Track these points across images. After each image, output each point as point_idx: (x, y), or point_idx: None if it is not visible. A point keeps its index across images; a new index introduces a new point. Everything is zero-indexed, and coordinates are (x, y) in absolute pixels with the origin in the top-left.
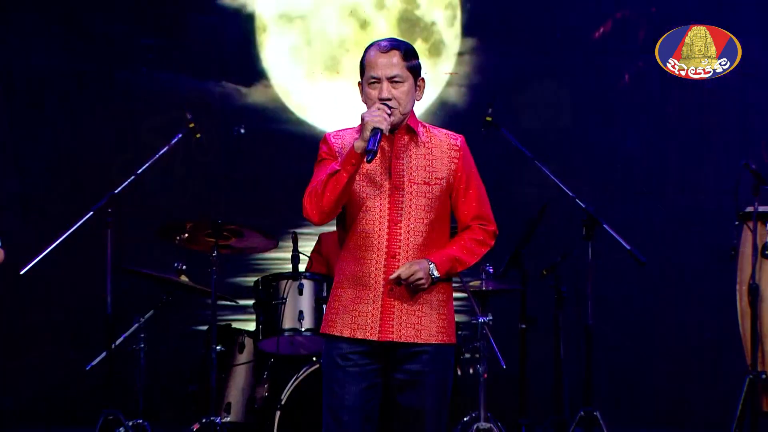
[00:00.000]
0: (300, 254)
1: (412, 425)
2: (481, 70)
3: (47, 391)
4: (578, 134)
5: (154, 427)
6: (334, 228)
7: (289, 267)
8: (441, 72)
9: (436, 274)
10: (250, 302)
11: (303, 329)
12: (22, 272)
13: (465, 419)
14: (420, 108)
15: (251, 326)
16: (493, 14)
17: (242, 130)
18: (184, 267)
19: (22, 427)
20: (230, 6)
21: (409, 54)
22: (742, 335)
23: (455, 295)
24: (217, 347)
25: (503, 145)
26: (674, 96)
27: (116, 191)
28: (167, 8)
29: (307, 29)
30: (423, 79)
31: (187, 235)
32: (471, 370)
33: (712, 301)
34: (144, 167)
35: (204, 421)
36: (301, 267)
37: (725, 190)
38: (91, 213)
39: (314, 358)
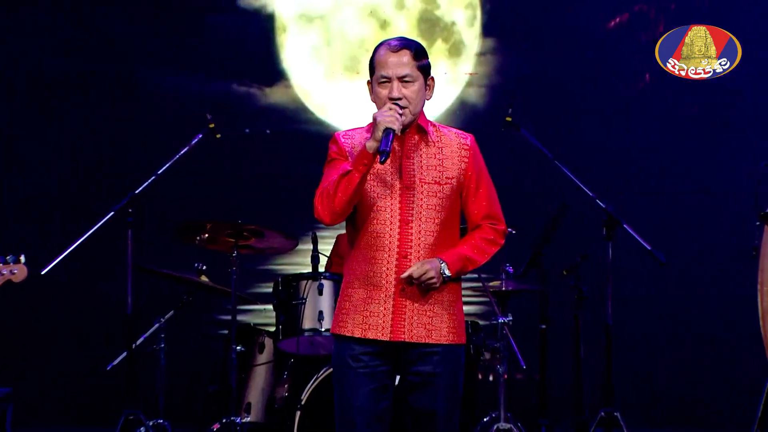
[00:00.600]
0: (320, 254)
1: (424, 426)
2: (500, 70)
3: (68, 391)
4: (597, 134)
5: (174, 427)
6: None
7: (307, 270)
8: (461, 72)
9: (447, 273)
10: (269, 306)
11: (323, 329)
12: (43, 272)
13: (485, 419)
14: (440, 108)
15: (271, 328)
16: (513, 14)
17: (267, 131)
18: (204, 267)
19: (43, 426)
20: (250, 6)
21: (419, 53)
22: (763, 336)
23: (475, 297)
24: (237, 347)
25: (521, 144)
26: (692, 95)
27: (137, 191)
28: (187, 9)
29: (326, 29)
30: (433, 78)
31: (207, 235)
32: (491, 375)
33: (733, 301)
34: (165, 167)
35: (224, 421)
36: (321, 268)
37: (746, 190)
38: (112, 213)
39: None
